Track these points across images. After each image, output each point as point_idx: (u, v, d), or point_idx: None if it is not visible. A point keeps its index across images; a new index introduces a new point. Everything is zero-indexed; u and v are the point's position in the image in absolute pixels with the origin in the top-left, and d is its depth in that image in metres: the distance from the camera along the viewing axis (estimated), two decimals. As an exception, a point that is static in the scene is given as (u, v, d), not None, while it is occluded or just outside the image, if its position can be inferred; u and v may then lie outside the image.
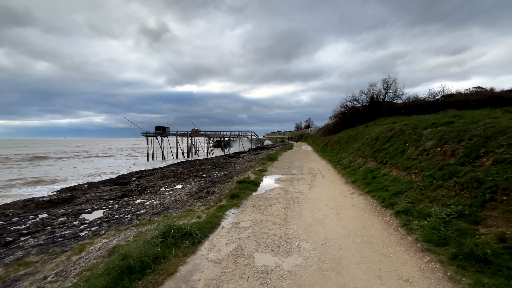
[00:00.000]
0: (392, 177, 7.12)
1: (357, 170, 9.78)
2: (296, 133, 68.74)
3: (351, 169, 10.45)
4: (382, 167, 8.51)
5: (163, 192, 16.52)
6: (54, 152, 60.27)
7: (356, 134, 15.71)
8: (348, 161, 12.18)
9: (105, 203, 14.39)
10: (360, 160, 10.96)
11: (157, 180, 21.20)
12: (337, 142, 19.19)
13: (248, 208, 6.96)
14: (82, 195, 16.93)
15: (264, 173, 12.46)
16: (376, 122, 19.81)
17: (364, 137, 13.35)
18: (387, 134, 10.42)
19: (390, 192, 6.19)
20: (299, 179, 10.69)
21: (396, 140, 9.20)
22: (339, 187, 8.75)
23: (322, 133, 36.31)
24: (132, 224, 8.47)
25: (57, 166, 33.95)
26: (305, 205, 6.89)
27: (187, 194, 14.38)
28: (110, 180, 23.00)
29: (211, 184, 14.80)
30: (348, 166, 11.22)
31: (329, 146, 20.96)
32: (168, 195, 15.29)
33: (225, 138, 48.92)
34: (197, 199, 11.84)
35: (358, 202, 6.70)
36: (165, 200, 13.81)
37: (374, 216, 5.50)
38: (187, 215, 8.80)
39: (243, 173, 13.91)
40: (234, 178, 13.77)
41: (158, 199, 14.46)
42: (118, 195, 16.30)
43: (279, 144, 48.77)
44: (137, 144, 52.76)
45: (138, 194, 16.64)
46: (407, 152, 7.65)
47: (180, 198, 13.76)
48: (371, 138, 11.68)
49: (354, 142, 14.61)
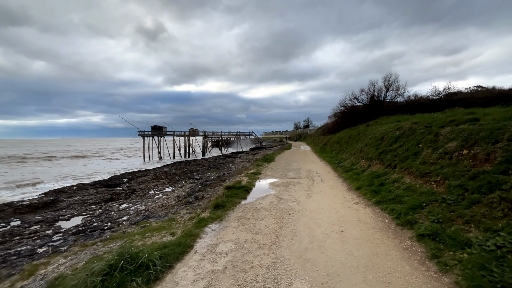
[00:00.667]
0: (405, 185, 5.85)
1: (361, 174, 8.51)
2: (295, 132, 67.37)
3: (353, 172, 9.17)
4: (390, 171, 7.24)
5: (151, 195, 15.26)
6: (49, 152, 58.95)
7: (358, 133, 14.44)
8: (350, 163, 10.90)
9: (87, 208, 13.13)
10: (364, 163, 9.68)
11: (149, 182, 19.94)
12: (337, 142, 17.91)
13: (232, 222, 5.68)
14: (66, 199, 15.66)
15: (257, 176, 11.18)
16: (377, 121, 18.54)
17: (367, 137, 12.09)
18: (393, 133, 9.15)
19: (406, 205, 4.91)
20: (296, 183, 9.43)
21: (405, 140, 7.93)
22: (341, 194, 7.48)
23: (321, 132, 35.05)
24: (101, 238, 7.21)
25: (50, 167, 32.67)
26: (301, 219, 5.62)
27: (175, 198, 13.12)
28: (100, 181, 21.72)
29: (201, 188, 13.54)
30: (350, 169, 9.94)
31: (329, 146, 19.68)
32: (156, 199, 14.04)
33: (223, 138, 47.61)
34: (184, 205, 10.60)
35: (365, 216, 5.43)
36: (151, 206, 12.56)
37: (388, 238, 4.22)
38: (167, 226, 7.55)
39: (235, 176, 12.64)
40: (226, 181, 12.51)
41: (145, 204, 13.21)
42: (104, 199, 15.03)
43: (278, 144, 47.48)
44: (133, 144, 51.42)
45: (125, 197, 15.38)
46: (421, 154, 6.37)
47: (167, 203, 12.51)
48: (376, 138, 10.41)
49: (356, 142, 13.35)
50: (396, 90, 22.45)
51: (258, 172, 11.89)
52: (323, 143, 22.75)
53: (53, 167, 32.50)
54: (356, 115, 23.05)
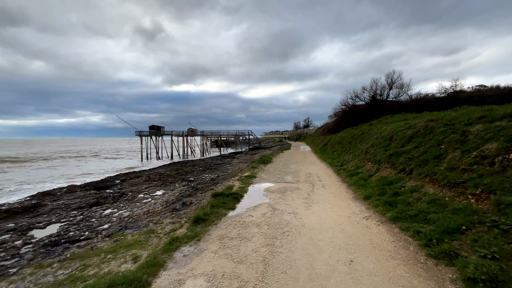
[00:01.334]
0: (428, 197, 4.59)
1: (369, 180, 7.25)
2: (295, 132, 65.98)
3: (359, 177, 7.90)
4: (405, 177, 5.97)
5: (140, 199, 14.05)
6: (45, 152, 57.88)
7: (361, 133, 13.16)
8: (354, 166, 9.63)
9: (68, 215, 11.93)
10: (371, 166, 8.42)
11: (141, 184, 18.74)
12: (338, 143, 16.63)
13: (212, 243, 4.44)
14: (50, 202, 14.48)
15: (252, 180, 9.93)
16: (381, 120, 17.25)
17: (372, 136, 10.82)
18: (405, 133, 7.88)
19: (435, 225, 3.65)
20: (294, 189, 8.17)
21: (421, 140, 6.67)
22: (346, 204, 6.22)
23: (321, 132, 33.76)
24: (62, 257, 5.99)
25: (45, 168, 31.54)
26: (299, 240, 4.37)
27: (163, 204, 11.90)
28: (92, 183, 20.54)
29: (192, 192, 12.31)
30: (355, 173, 8.68)
31: (329, 146, 18.38)
32: (143, 204, 12.83)
33: (222, 138, 46.35)
34: (170, 212, 9.39)
35: (380, 237, 4.17)
36: (136, 212, 11.34)
37: (418, 278, 2.96)
38: (142, 241, 6.34)
39: (229, 179, 11.40)
40: (218, 185, 11.27)
41: (131, 210, 11.99)
42: (89, 203, 13.84)
43: (277, 144, 46.17)
44: (130, 143, 50.24)
45: (112, 201, 14.17)
46: (446, 158, 5.12)
47: (154, 209, 11.29)
48: (383, 138, 9.14)
49: (360, 143, 12.08)
50: (400, 88, 21.16)
51: (252, 176, 10.64)
52: (323, 143, 21.44)
53: (48, 167, 31.37)
54: (358, 114, 21.76)
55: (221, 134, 45.60)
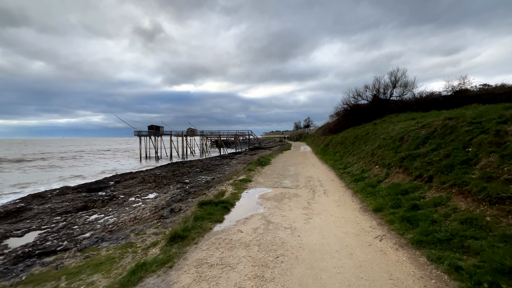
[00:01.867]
0: (460, 214, 3.57)
1: (378, 187, 6.22)
2: (295, 132, 64.82)
3: (366, 183, 6.87)
4: (423, 186, 4.95)
5: (130, 203, 13.09)
6: (44, 153, 57.13)
7: (366, 133, 12.11)
8: (359, 169, 8.60)
9: (51, 220, 11.00)
10: (378, 170, 7.38)
11: (135, 186, 17.78)
12: (340, 143, 15.58)
13: (185, 274, 3.44)
14: (37, 206, 13.56)
15: (246, 185, 8.93)
16: (385, 120, 16.20)
17: (379, 137, 9.79)
18: (418, 133, 6.85)
19: (482, 260, 2.64)
20: (292, 196, 7.17)
21: (440, 142, 5.63)
22: (353, 217, 5.20)
23: (322, 132, 32.70)
24: (17, 280, 5.03)
25: (43, 168, 30.72)
26: (295, 270, 3.36)
27: (152, 209, 10.93)
28: (85, 185, 19.61)
29: (183, 196, 11.32)
30: (361, 177, 7.65)
31: (331, 147, 17.32)
32: (132, 209, 11.87)
33: (221, 138, 45.37)
34: (156, 220, 8.41)
35: (402, 270, 3.15)
36: (122, 218, 10.38)
37: None
38: (117, 257, 5.37)
39: (222, 183, 10.40)
40: (211, 189, 10.27)
41: (118, 215, 11.04)
42: (77, 207, 12.90)
43: (277, 144, 45.12)
44: (129, 144, 49.39)
45: (101, 205, 13.22)
46: (478, 164, 4.09)
47: (141, 216, 10.32)
48: (392, 139, 8.11)
49: (364, 144, 11.04)
50: (404, 87, 20.05)
51: (248, 179, 9.64)
52: (324, 143, 20.38)
53: (45, 168, 30.56)
54: (361, 113, 20.70)
55: (220, 134, 44.61)
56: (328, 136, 22.98)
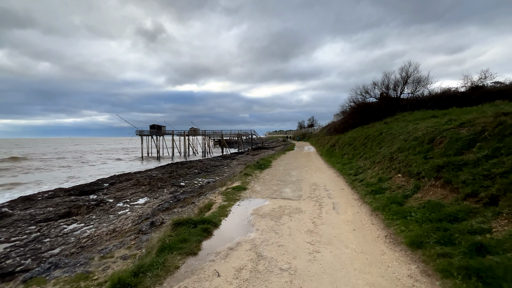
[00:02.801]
0: None
1: (407, 205, 4.59)
2: (299, 132, 62.87)
3: (388, 198, 5.22)
4: (483, 210, 3.33)
5: (116, 210, 11.71)
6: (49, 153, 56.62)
7: (379, 133, 10.41)
8: (375, 177, 6.94)
9: (25, 230, 9.68)
10: (402, 180, 5.73)
11: (128, 189, 16.45)
12: (348, 144, 13.88)
13: None
14: (19, 211, 12.32)
15: (239, 194, 7.38)
16: (398, 118, 14.45)
17: (397, 138, 8.11)
18: (457, 133, 5.18)
19: None
20: (294, 211, 5.60)
21: (497, 146, 3.99)
22: (379, 253, 3.61)
23: (327, 132, 30.90)
24: None
25: (46, 168, 29.78)
26: None
27: (135, 220, 9.49)
28: (79, 187, 18.39)
29: (171, 204, 9.85)
30: (379, 189, 6.00)
31: (338, 148, 15.60)
32: (116, 217, 10.48)
33: (224, 138, 43.90)
34: (134, 235, 6.93)
35: None
36: (100, 230, 8.96)
37: None
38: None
39: (214, 190, 8.87)
40: (201, 197, 8.75)
41: (97, 225, 9.65)
42: (59, 213, 11.60)
43: (280, 143, 43.42)
44: (131, 143, 48.36)
45: (85, 212, 11.88)
46: None
47: (121, 228, 8.88)
48: (417, 140, 6.43)
49: (378, 145, 9.36)
50: (417, 83, 18.16)
51: (243, 187, 8.08)
52: (330, 144, 18.63)
53: (48, 168, 29.61)
54: (369, 112, 18.91)
55: (223, 133, 43.16)
56: (334, 136, 21.23)
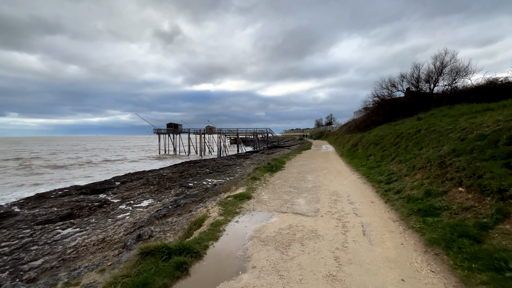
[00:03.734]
0: None
1: (492, 241, 2.83)
2: (316, 130, 60.01)
3: (452, 227, 3.44)
4: None
5: (117, 213, 10.77)
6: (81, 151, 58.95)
7: (416, 130, 8.36)
8: (421, 189, 5.08)
9: (18, 234, 8.97)
10: (468, 197, 3.89)
11: (137, 188, 15.68)
12: (374, 143, 11.81)
13: None
14: (26, 210, 11.90)
15: (242, 205, 5.86)
16: (434, 114, 12.09)
17: (445, 136, 6.13)
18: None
19: None
20: (308, 237, 3.99)
21: None
22: None
23: (346, 130, 28.43)
24: None
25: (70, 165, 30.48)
26: None
27: (128, 228, 8.35)
28: (91, 185, 18.00)
29: (170, 210, 8.59)
30: (430, 207, 4.19)
31: (361, 148, 13.52)
32: (113, 222, 9.50)
33: (239, 136, 42.69)
34: (118, 251, 5.74)
35: None
36: (91, 238, 7.92)
37: None
38: None
39: (216, 196, 7.45)
40: (200, 205, 7.37)
41: (90, 231, 8.69)
42: (60, 215, 10.92)
43: (297, 142, 41.33)
44: (149, 141, 48.78)
45: (87, 213, 11.10)
46: None
47: (112, 236, 7.76)
48: (485, 140, 4.51)
49: (416, 145, 7.37)
50: (456, 72, 15.43)
51: (246, 195, 6.56)
52: (352, 143, 16.47)
53: (73, 165, 30.27)
54: (397, 107, 16.50)
55: (238, 132, 41.96)
56: (355, 135, 18.98)
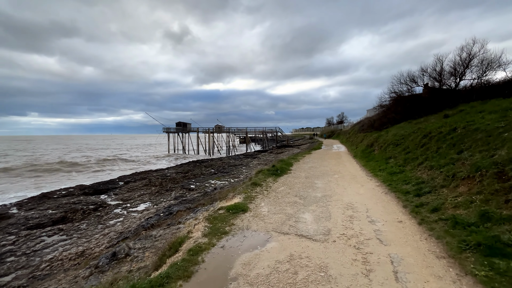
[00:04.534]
0: None
1: None
2: (327, 129, 57.78)
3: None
4: None
5: (110, 218, 9.92)
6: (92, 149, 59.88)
7: (450, 129, 6.81)
8: (471, 208, 3.68)
9: (3, 239, 8.28)
10: None
11: (138, 189, 14.93)
12: (394, 144, 10.24)
13: None
14: (21, 212, 11.41)
15: (234, 221, 4.67)
16: (465, 110, 10.34)
17: (496, 137, 4.64)
18: None
19: None
20: (315, 281, 2.74)
21: None
22: None
23: (359, 129, 26.56)
24: None
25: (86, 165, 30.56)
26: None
27: (113, 239, 7.36)
28: (94, 185, 17.50)
29: (160, 219, 7.49)
30: (494, 242, 2.85)
31: (378, 149, 11.92)
32: (101, 230, 8.62)
33: (248, 135, 41.56)
34: (89, 271, 4.72)
35: None
36: (70, 250, 6.99)
37: None
38: None
39: (205, 207, 6.31)
40: (190, 215, 6.26)
41: (75, 240, 7.81)
42: (53, 219, 10.29)
43: (307, 141, 39.65)
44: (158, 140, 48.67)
45: (80, 217, 10.36)
46: None
47: (92, 250, 6.78)
48: None
49: (452, 148, 5.87)
50: (488, 64, 13.43)
51: (242, 207, 5.35)
52: (366, 143, 14.82)
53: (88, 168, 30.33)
54: (417, 103, 14.71)
55: (247, 130, 40.82)
56: (370, 134, 17.28)
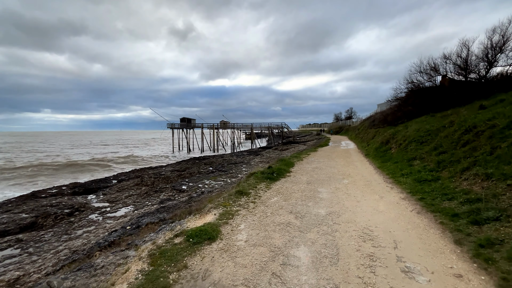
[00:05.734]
0: None
1: None
2: (335, 125, 55.11)
3: None
4: None
5: (81, 226, 8.45)
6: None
7: (510, 121, 4.81)
8: None
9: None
10: None
11: (128, 189, 13.54)
12: (417, 141, 8.21)
13: None
14: None
15: (189, 261, 2.96)
16: (507, 99, 8.16)
17: None
18: None
19: None
20: None
21: None
22: None
23: (370, 124, 24.22)
24: None
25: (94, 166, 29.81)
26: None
27: (61, 260, 5.80)
28: (86, 183, 16.34)
29: (125, 233, 5.87)
30: None
31: (396, 147, 9.82)
32: (64, 241, 7.12)
33: (254, 131, 39.77)
34: None
35: None
36: (5, 275, 5.53)
37: None
38: None
39: (178, 223, 4.69)
40: (152, 235, 4.66)
41: (18, 261, 6.31)
42: (21, 225, 8.97)
43: (314, 137, 37.48)
44: (162, 136, 47.67)
45: (50, 224, 8.99)
46: None
47: (25, 281, 5.22)
48: None
49: (510, 147, 3.91)
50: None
51: (210, 232, 3.64)
52: (380, 140, 12.63)
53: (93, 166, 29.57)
54: (439, 95, 12.45)
55: (253, 126, 39.00)
56: (383, 129, 15.09)
